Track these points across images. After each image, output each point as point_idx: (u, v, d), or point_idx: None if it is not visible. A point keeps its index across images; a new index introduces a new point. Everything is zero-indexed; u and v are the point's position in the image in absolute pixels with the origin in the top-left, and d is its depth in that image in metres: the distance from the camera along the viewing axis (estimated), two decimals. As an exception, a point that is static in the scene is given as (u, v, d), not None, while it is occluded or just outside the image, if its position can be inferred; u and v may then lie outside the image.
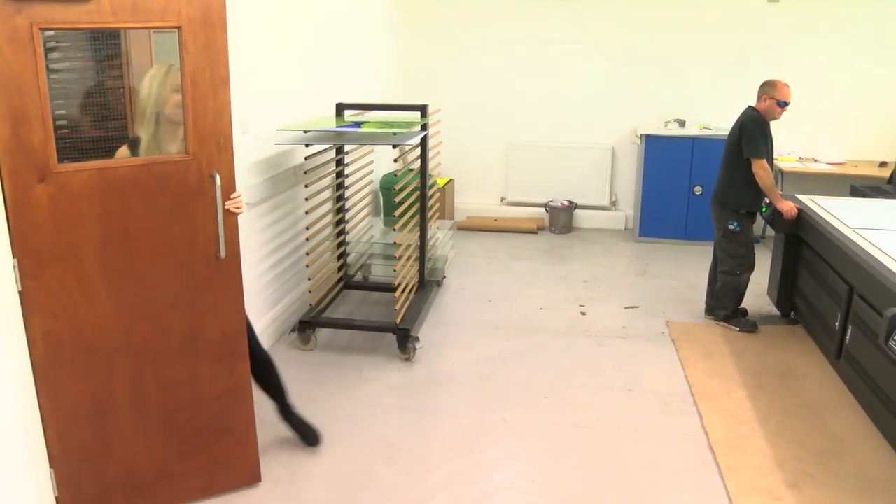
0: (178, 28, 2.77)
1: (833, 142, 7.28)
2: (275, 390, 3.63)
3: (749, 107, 5.03)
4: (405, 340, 4.59)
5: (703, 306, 5.48)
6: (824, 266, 4.56)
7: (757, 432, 3.88)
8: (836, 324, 4.34)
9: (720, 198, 5.12)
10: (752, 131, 4.88)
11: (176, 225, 2.93)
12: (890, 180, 6.17)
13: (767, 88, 4.94)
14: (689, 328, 5.20)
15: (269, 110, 4.58)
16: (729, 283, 5.14)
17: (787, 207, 4.89)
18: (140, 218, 2.85)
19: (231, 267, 3.10)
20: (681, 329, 5.18)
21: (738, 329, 5.15)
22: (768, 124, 4.95)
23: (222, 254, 3.02)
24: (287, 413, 3.68)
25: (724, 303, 5.21)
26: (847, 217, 4.66)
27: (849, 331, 4.19)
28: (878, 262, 3.81)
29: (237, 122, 4.15)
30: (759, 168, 4.87)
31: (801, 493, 3.37)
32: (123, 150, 2.91)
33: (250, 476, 3.36)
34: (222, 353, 3.16)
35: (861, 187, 6.20)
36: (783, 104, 4.91)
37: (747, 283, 5.17)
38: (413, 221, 5.03)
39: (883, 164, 6.99)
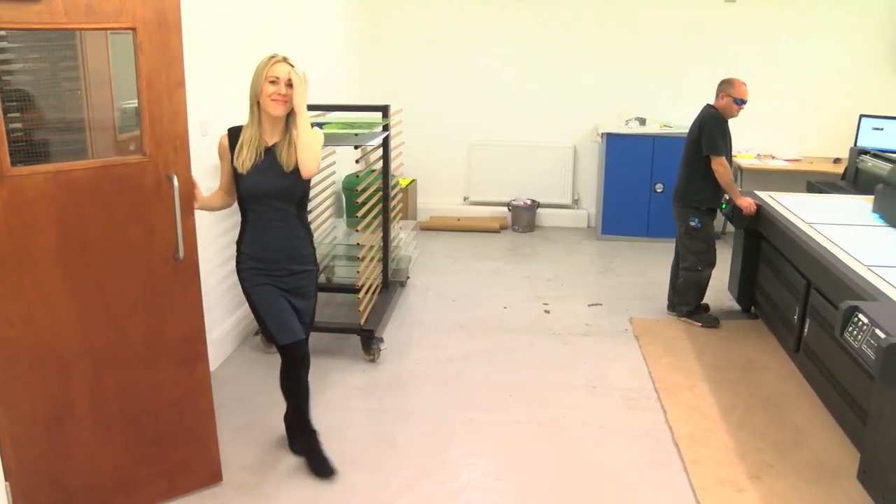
0: (133, 30, 2.74)
1: (789, 139, 7.41)
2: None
3: (708, 105, 5.09)
4: (369, 341, 4.57)
5: (665, 302, 5.53)
6: (783, 261, 4.63)
7: (720, 426, 3.93)
8: (795, 317, 4.41)
9: (681, 195, 5.17)
10: (712, 129, 4.93)
11: (133, 227, 2.89)
12: (843, 176, 6.28)
13: (725, 87, 5.01)
14: (651, 324, 5.25)
15: (230, 112, 4.52)
16: (691, 279, 5.20)
17: (747, 203, 4.96)
18: (98, 221, 2.80)
19: (189, 268, 3.07)
20: (644, 325, 5.22)
21: (700, 324, 5.20)
22: (727, 122, 5.01)
23: (181, 255, 2.99)
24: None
25: (686, 298, 5.26)
26: (804, 213, 4.74)
27: (807, 324, 4.26)
28: (834, 257, 3.88)
29: (197, 124, 4.12)
30: (719, 165, 4.93)
31: (762, 484, 3.42)
32: (223, 139, 3.21)
33: (212, 477, 3.34)
34: (182, 356, 3.13)
35: (817, 183, 6.30)
36: (740, 102, 4.97)
37: (709, 278, 5.23)
38: (376, 222, 5.01)
39: (837, 161, 7.13)
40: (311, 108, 5.12)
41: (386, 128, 4.96)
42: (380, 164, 5.11)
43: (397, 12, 7.49)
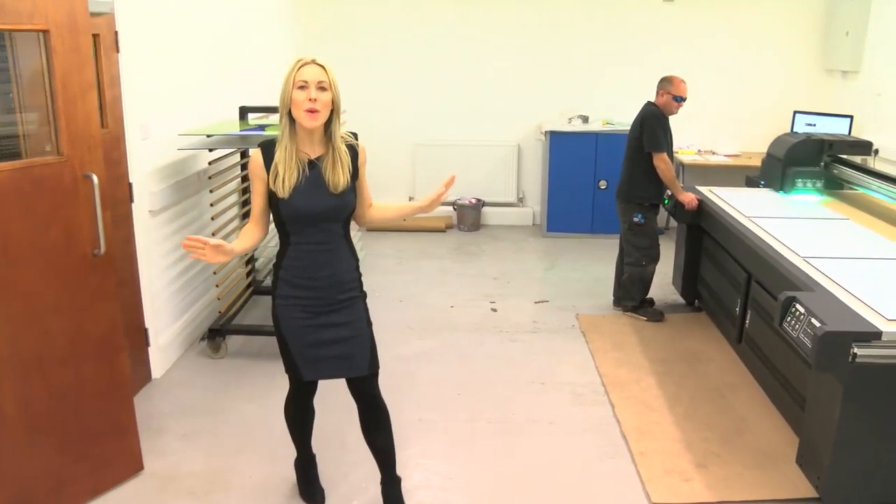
0: (46, 31, 2.75)
1: (729, 135, 7.56)
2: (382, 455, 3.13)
3: (648, 102, 5.17)
4: (317, 344, 4.53)
5: (611, 298, 5.60)
6: (724, 254, 4.72)
7: (666, 417, 3.99)
8: (737, 309, 4.50)
9: (624, 191, 5.24)
10: (653, 126, 5.01)
11: (53, 227, 2.90)
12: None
13: (665, 84, 5.10)
14: (598, 320, 5.31)
15: (171, 115, 4.46)
16: (635, 275, 5.27)
17: (688, 199, 5.04)
18: (19, 222, 2.78)
19: (108, 263, 3.11)
20: (590, 321, 5.28)
21: (645, 318, 5.28)
22: (667, 118, 5.10)
23: (102, 250, 3.04)
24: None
25: (631, 293, 5.33)
26: (743, 207, 4.83)
27: (748, 315, 4.35)
28: (773, 249, 3.96)
29: (136, 127, 4.06)
30: (660, 161, 5.01)
31: (708, 472, 3.48)
32: (255, 155, 2.76)
33: (134, 467, 3.38)
34: (102, 350, 3.16)
35: (755, 178, 6.42)
36: (680, 99, 5.06)
37: (653, 273, 5.31)
38: (321, 224, 4.97)
39: (775, 155, 7.29)
40: (254, 110, 5.12)
41: (329, 128, 4.92)
42: (324, 165, 5.06)
43: (339, 13, 7.44)
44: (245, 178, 5.05)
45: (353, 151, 2.83)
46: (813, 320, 2.99)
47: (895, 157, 6.05)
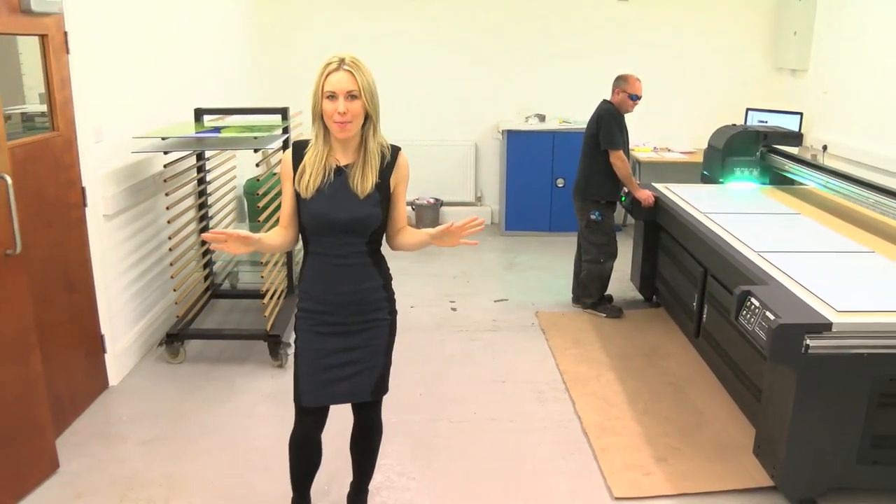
0: None
1: (684, 132, 7.66)
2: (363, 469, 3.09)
3: (604, 100, 5.21)
4: (277, 347, 4.51)
5: (570, 296, 5.64)
6: (681, 250, 4.78)
7: (626, 413, 4.03)
8: (694, 304, 4.56)
9: (581, 189, 5.28)
10: (609, 124, 5.06)
11: None
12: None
13: (620, 82, 5.14)
14: (557, 317, 5.34)
15: (125, 118, 4.40)
16: (594, 272, 5.31)
17: (645, 196, 5.10)
18: None
19: (19, 261, 3.12)
20: (550, 319, 5.31)
21: (604, 315, 5.33)
22: (623, 116, 5.15)
23: (17, 250, 3.06)
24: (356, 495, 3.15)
25: (589, 290, 5.37)
26: (699, 203, 4.90)
27: (705, 310, 4.41)
28: (728, 244, 4.03)
29: (90, 130, 3.99)
30: (617, 159, 5.06)
31: (668, 466, 3.53)
32: (286, 155, 2.66)
33: (50, 466, 3.38)
34: (17, 350, 3.17)
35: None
36: (635, 98, 5.12)
37: (611, 270, 5.35)
38: (279, 226, 4.94)
39: (728, 152, 7.41)
40: (209, 111, 5.07)
41: (286, 130, 4.90)
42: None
43: (293, 13, 7.39)
44: (201, 181, 5.00)
45: (390, 162, 2.66)
46: (767, 313, 3.05)
47: (844, 153, 6.18)
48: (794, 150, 5.67)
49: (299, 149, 2.61)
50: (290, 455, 2.90)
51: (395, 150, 2.70)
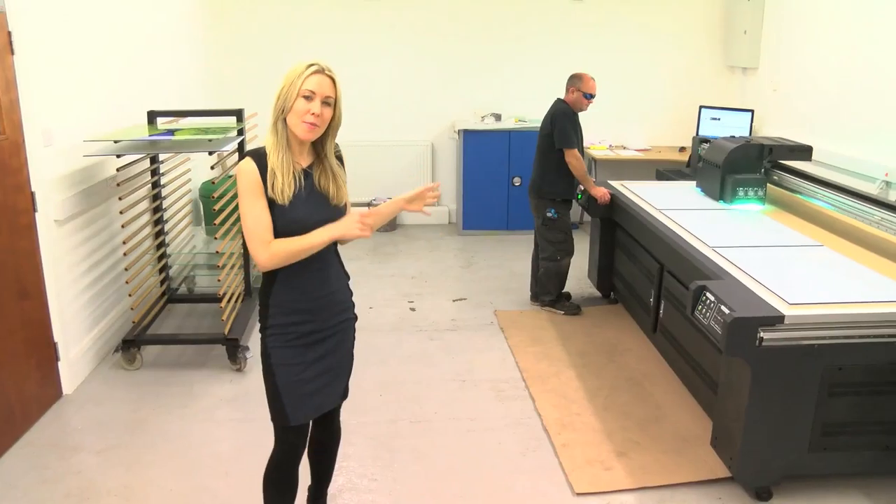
0: None
1: (639, 130, 7.74)
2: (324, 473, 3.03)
3: (559, 99, 5.25)
4: (235, 351, 4.46)
5: (528, 294, 5.66)
6: (637, 247, 4.83)
7: (587, 409, 4.05)
8: (651, 300, 4.61)
9: (536, 188, 5.31)
10: (563, 123, 5.09)
11: None
12: (688, 164, 6.61)
13: (575, 81, 5.17)
14: (516, 316, 5.36)
15: (75, 120, 4.31)
16: (551, 269, 5.34)
17: (601, 193, 5.14)
18: None
19: None
20: (508, 317, 5.33)
21: (562, 312, 5.36)
22: (577, 115, 5.18)
23: None
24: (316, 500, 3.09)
25: (547, 288, 5.40)
26: (654, 199, 4.95)
27: (662, 306, 4.46)
28: (683, 240, 4.08)
29: (39, 133, 3.90)
30: (572, 157, 5.09)
31: (628, 460, 3.56)
32: (248, 166, 2.45)
33: None
34: None
35: (665, 171, 6.61)
36: (589, 96, 5.15)
37: (568, 267, 5.39)
38: (235, 229, 4.89)
39: (682, 149, 7.53)
40: (163, 114, 5.00)
41: (241, 132, 4.85)
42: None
43: (246, 14, 7.31)
44: (156, 185, 4.92)
45: (341, 161, 2.70)
46: (722, 307, 3.09)
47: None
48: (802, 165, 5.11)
49: (261, 158, 2.48)
50: (269, 488, 2.71)
51: (338, 148, 2.71)
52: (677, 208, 4.72)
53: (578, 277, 5.96)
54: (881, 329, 3.10)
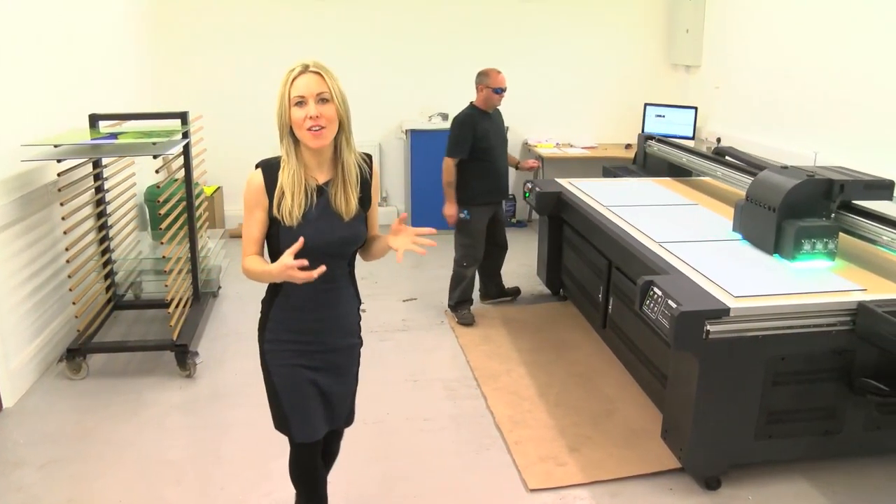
0: None
1: (586, 128, 7.83)
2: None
3: (469, 104, 5.18)
4: (184, 356, 4.39)
5: (477, 292, 5.66)
6: (585, 244, 4.87)
7: (538, 406, 4.08)
8: (600, 296, 4.66)
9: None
10: (451, 131, 5.09)
11: None
12: (634, 161, 6.70)
13: (482, 79, 5.10)
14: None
15: (12, 124, 4.20)
16: (457, 274, 5.26)
17: (450, 213, 5.11)
18: None
19: None
20: (460, 316, 5.34)
21: (456, 320, 5.24)
22: (483, 116, 5.08)
23: None
24: None
25: (451, 291, 5.32)
26: (601, 196, 5.00)
27: (611, 301, 4.51)
28: (630, 237, 4.13)
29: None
30: (444, 166, 5.08)
31: (580, 455, 3.59)
32: (254, 177, 2.38)
33: None
34: None
35: (611, 168, 6.68)
36: (499, 90, 5.05)
37: (473, 276, 5.28)
38: (182, 233, 4.82)
39: (628, 147, 7.61)
40: (105, 117, 4.89)
41: (186, 135, 4.78)
42: (182, 173, 4.92)
43: (189, 16, 7.20)
44: (99, 190, 4.82)
45: (367, 174, 2.51)
46: (670, 302, 3.13)
47: (736, 145, 6.40)
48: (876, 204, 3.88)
49: (271, 170, 2.35)
50: (296, 482, 2.76)
51: (369, 160, 2.56)
52: (624, 205, 4.78)
53: (528, 275, 5.99)
54: (821, 318, 3.19)
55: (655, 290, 3.29)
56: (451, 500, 3.31)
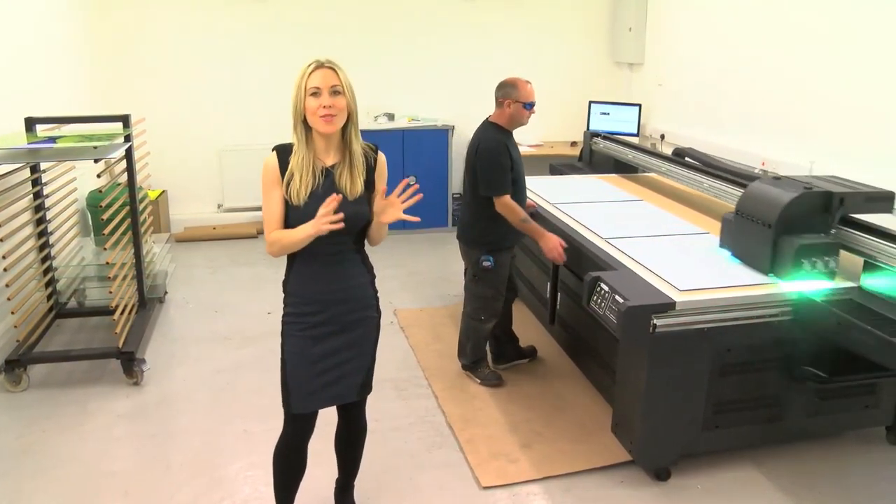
0: None
1: (532, 126, 7.79)
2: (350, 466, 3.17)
3: (487, 122, 4.13)
4: (130, 364, 4.31)
5: (429, 291, 5.63)
6: (532, 241, 4.89)
7: (489, 404, 4.09)
8: (548, 293, 4.69)
9: (466, 232, 4.23)
10: (488, 164, 3.97)
11: None
12: (580, 158, 6.76)
13: (508, 91, 4.00)
14: (416, 314, 5.37)
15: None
16: (471, 329, 4.33)
17: (552, 245, 3.98)
18: None
19: None
20: (409, 316, 5.33)
21: (479, 381, 4.33)
22: (511, 136, 4.09)
23: None
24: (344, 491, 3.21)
25: (465, 349, 4.41)
26: (548, 194, 5.04)
27: (559, 298, 4.55)
28: (577, 233, 4.17)
29: None
30: (502, 206, 3.97)
31: (532, 451, 3.62)
32: (270, 159, 2.63)
33: None
34: None
35: (558, 165, 6.73)
36: (530, 106, 4.03)
37: (490, 331, 4.37)
38: (126, 238, 4.73)
39: (573, 144, 7.69)
40: (43, 120, 4.78)
41: (128, 138, 4.69)
42: (125, 177, 4.83)
43: (132, 15, 7.05)
44: (38, 195, 4.70)
45: (370, 160, 2.77)
46: (616, 297, 3.17)
47: (679, 141, 6.53)
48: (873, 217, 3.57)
49: (284, 153, 2.62)
50: (276, 466, 2.93)
51: (375, 149, 2.82)
52: (570, 202, 4.82)
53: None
54: (763, 310, 3.26)
55: (602, 285, 3.33)
56: (404, 500, 3.31)
